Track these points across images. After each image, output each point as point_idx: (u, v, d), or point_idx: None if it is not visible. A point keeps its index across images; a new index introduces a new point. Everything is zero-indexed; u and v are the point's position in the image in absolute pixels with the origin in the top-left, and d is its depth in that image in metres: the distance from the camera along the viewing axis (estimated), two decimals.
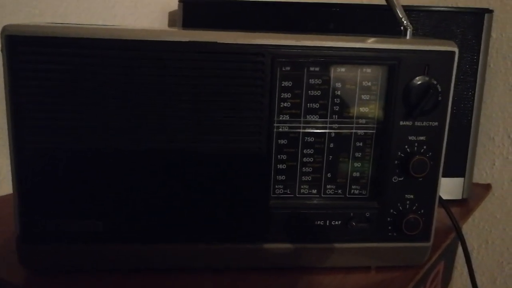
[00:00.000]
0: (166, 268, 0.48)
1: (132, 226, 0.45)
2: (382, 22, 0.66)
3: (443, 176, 0.49)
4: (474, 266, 0.58)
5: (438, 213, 0.50)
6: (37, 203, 0.44)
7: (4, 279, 0.45)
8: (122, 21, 0.79)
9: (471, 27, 0.66)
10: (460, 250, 0.86)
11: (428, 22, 0.66)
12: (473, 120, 0.69)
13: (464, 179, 0.71)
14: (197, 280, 0.47)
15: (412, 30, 0.49)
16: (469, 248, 0.57)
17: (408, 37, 0.49)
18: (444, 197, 0.58)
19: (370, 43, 0.45)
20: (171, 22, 0.89)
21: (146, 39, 0.42)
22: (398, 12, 0.50)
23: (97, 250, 0.46)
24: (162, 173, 0.45)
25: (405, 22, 0.49)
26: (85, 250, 0.46)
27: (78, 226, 0.44)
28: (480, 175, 0.87)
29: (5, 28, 0.40)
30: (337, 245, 0.48)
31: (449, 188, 0.70)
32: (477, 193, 0.78)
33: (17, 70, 0.41)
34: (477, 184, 0.84)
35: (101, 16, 0.76)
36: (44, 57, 0.41)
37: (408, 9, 0.61)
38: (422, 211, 0.48)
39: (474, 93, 0.68)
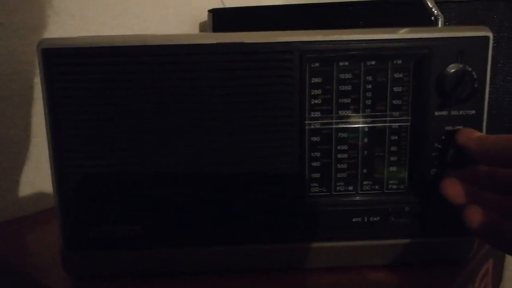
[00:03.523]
0: (206, 271, 0.48)
1: (170, 230, 0.46)
2: (413, 17, 0.64)
3: None
4: None
5: None
6: (77, 211, 0.45)
7: (50, 286, 0.47)
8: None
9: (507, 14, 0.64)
10: None
11: (462, 13, 0.64)
12: None
13: None
14: (234, 281, 0.46)
15: (444, 20, 0.48)
16: None
17: (439, 26, 0.48)
18: None
19: (400, 33, 0.44)
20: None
21: (174, 43, 0.42)
22: (428, 2, 0.49)
23: (138, 255, 0.46)
24: (196, 175, 0.45)
25: (435, 11, 0.48)
26: (126, 255, 0.46)
27: (117, 231, 0.45)
28: None
29: (40, 42, 0.42)
30: (376, 242, 0.47)
31: None
32: None
33: (54, 82, 0.43)
34: None
35: (133, 30, 0.78)
36: (80, 68, 0.42)
37: (438, 1, 0.60)
38: None
39: None
